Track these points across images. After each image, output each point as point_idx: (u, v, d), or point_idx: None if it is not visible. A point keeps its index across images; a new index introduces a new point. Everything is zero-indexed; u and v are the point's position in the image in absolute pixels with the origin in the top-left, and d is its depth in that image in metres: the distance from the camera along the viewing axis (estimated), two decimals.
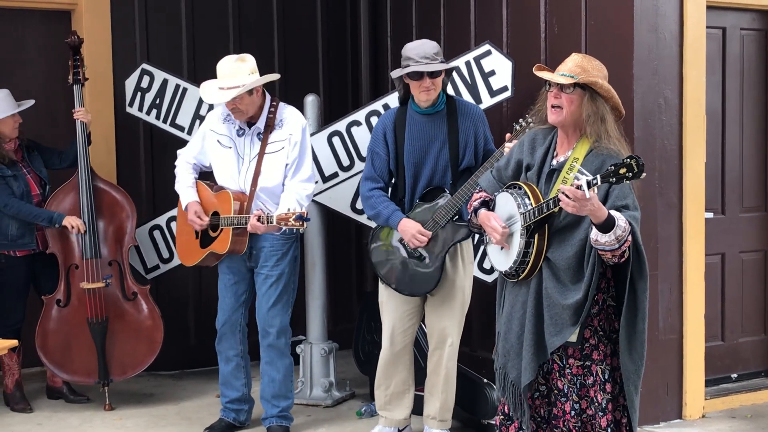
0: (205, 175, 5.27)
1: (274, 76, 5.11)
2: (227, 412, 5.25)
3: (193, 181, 5.17)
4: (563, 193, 3.37)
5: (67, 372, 5.69)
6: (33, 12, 6.33)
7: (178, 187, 5.18)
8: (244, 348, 5.22)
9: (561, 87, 3.61)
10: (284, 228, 4.76)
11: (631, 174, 3.27)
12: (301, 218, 4.61)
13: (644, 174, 3.28)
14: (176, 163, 5.25)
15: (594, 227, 3.41)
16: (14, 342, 4.77)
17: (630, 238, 3.43)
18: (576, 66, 3.62)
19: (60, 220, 5.53)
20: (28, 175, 5.65)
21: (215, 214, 5.03)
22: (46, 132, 6.12)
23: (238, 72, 4.90)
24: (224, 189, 5.03)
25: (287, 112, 5.05)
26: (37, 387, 6.02)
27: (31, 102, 5.70)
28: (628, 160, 3.27)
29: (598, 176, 3.33)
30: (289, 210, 4.72)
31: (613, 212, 3.42)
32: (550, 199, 3.52)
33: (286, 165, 4.95)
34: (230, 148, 5.03)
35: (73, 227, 5.54)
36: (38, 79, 6.24)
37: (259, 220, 4.78)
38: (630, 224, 3.44)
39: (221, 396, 5.28)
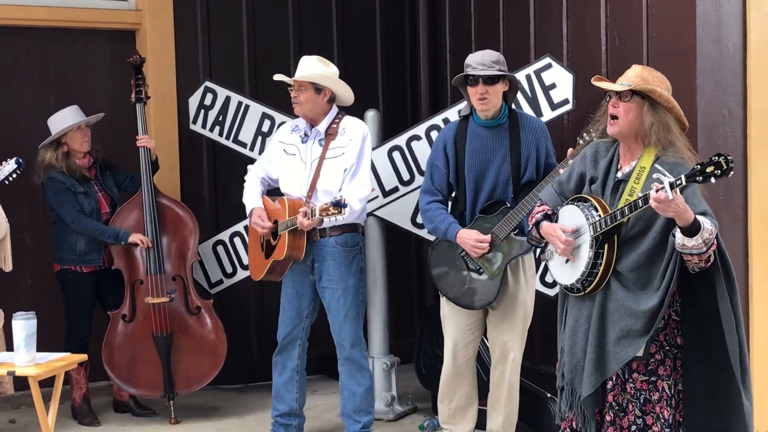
0: (275, 192, 5.31)
1: (347, 89, 5.13)
2: (277, 427, 5.27)
3: (260, 191, 5.22)
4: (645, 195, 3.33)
5: (133, 386, 5.77)
6: (99, 31, 6.47)
7: (245, 198, 5.24)
8: (302, 363, 5.23)
9: (619, 96, 3.59)
10: (329, 218, 4.69)
11: (719, 172, 3.17)
12: (338, 204, 4.56)
13: (732, 172, 3.18)
14: (246, 177, 5.31)
15: (679, 231, 3.35)
16: (83, 356, 4.89)
17: (716, 242, 3.38)
18: (636, 76, 3.60)
19: (126, 237, 5.62)
20: (99, 193, 5.76)
21: (276, 222, 5.07)
22: (111, 149, 6.21)
23: (313, 68, 5.00)
24: (283, 197, 5.08)
25: (350, 121, 5.10)
26: (104, 401, 6.10)
27: (99, 115, 5.79)
28: (716, 157, 3.18)
29: (683, 176, 3.25)
30: (329, 200, 4.69)
31: (697, 216, 3.36)
32: (625, 206, 3.47)
33: (345, 170, 4.98)
34: (294, 155, 5.09)
35: (142, 242, 5.63)
36: (104, 97, 6.36)
37: (305, 216, 4.79)
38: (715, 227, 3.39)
39: (272, 410, 5.30)
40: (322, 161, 5.00)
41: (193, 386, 5.81)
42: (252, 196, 5.21)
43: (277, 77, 5.13)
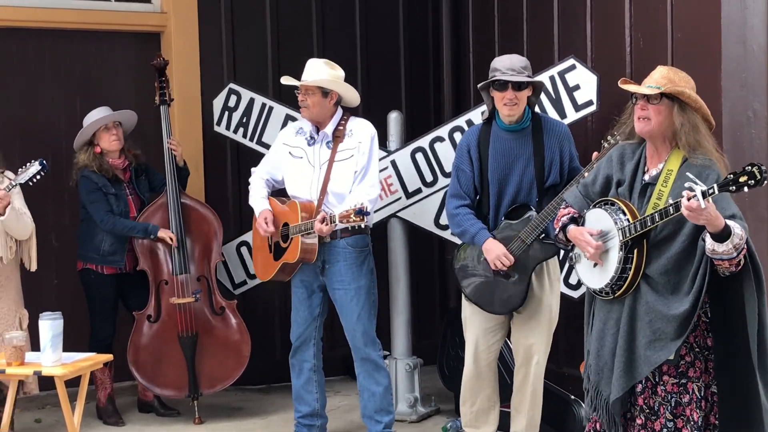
0: (279, 193, 5.33)
1: (353, 92, 5.14)
2: (300, 428, 5.29)
3: (266, 194, 5.23)
4: (676, 203, 3.34)
5: (158, 386, 5.80)
6: (124, 34, 6.51)
7: (251, 200, 5.27)
8: (318, 362, 5.25)
9: (648, 98, 3.59)
10: (348, 225, 4.75)
11: (753, 182, 3.18)
12: (361, 212, 4.61)
13: (766, 182, 3.18)
14: (250, 180, 5.34)
15: (709, 236, 3.35)
16: (109, 356, 4.93)
17: (746, 246, 3.38)
18: (662, 77, 3.60)
19: (155, 231, 5.66)
20: (130, 196, 5.80)
21: (285, 225, 5.09)
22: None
23: (320, 72, 5.01)
24: (293, 200, 5.09)
25: (357, 123, 5.11)
26: (128, 401, 6.14)
27: (125, 112, 5.81)
28: (750, 167, 3.19)
29: (715, 185, 3.25)
30: (350, 207, 4.72)
31: (727, 221, 3.36)
32: (656, 212, 3.47)
33: (355, 172, 5.00)
34: (301, 158, 5.10)
35: (171, 240, 5.66)
36: (129, 98, 6.38)
37: (323, 222, 4.82)
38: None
39: (294, 411, 5.31)
40: (331, 164, 5.01)
41: (218, 386, 5.83)
42: (258, 198, 5.23)
43: (285, 80, 5.14)
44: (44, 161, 5.08)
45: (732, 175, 3.23)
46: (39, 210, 5.56)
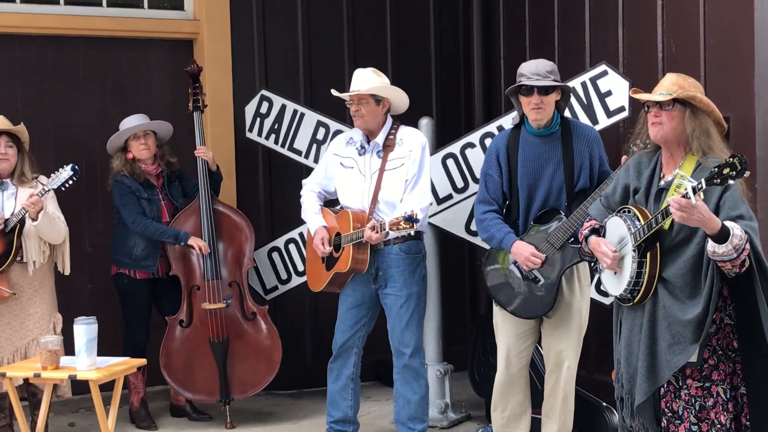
0: (331, 203, 5.35)
1: (404, 97, 5.16)
2: None
3: (319, 207, 5.25)
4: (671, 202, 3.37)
5: (190, 390, 5.84)
6: (157, 41, 6.56)
7: (305, 215, 5.29)
8: (356, 370, 5.26)
9: (660, 105, 3.64)
10: (397, 233, 4.77)
11: (734, 173, 3.24)
12: (410, 219, 4.63)
13: (748, 172, 3.24)
14: (301, 192, 5.36)
15: (710, 239, 3.38)
16: (142, 360, 4.97)
17: (748, 246, 3.38)
18: (672, 84, 3.66)
19: (186, 238, 5.69)
20: (162, 201, 5.84)
21: (338, 235, 5.11)
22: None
23: (370, 80, 5.04)
24: (345, 209, 5.11)
25: (407, 131, 5.13)
26: (161, 405, 6.18)
27: (157, 123, 5.85)
28: (731, 159, 3.25)
29: (703, 180, 3.30)
30: (399, 215, 4.74)
31: (727, 222, 3.39)
32: (658, 213, 3.51)
33: (406, 181, 5.01)
34: (352, 167, 5.12)
35: (200, 249, 5.70)
36: (162, 105, 6.44)
37: (373, 230, 4.83)
38: (747, 233, 3.39)
39: (327, 416, 5.33)
40: (382, 173, 5.03)
41: (249, 391, 5.86)
42: (312, 214, 5.25)
43: (335, 93, 5.16)
44: (76, 166, 5.13)
45: (716, 169, 3.29)
46: (73, 215, 5.62)
